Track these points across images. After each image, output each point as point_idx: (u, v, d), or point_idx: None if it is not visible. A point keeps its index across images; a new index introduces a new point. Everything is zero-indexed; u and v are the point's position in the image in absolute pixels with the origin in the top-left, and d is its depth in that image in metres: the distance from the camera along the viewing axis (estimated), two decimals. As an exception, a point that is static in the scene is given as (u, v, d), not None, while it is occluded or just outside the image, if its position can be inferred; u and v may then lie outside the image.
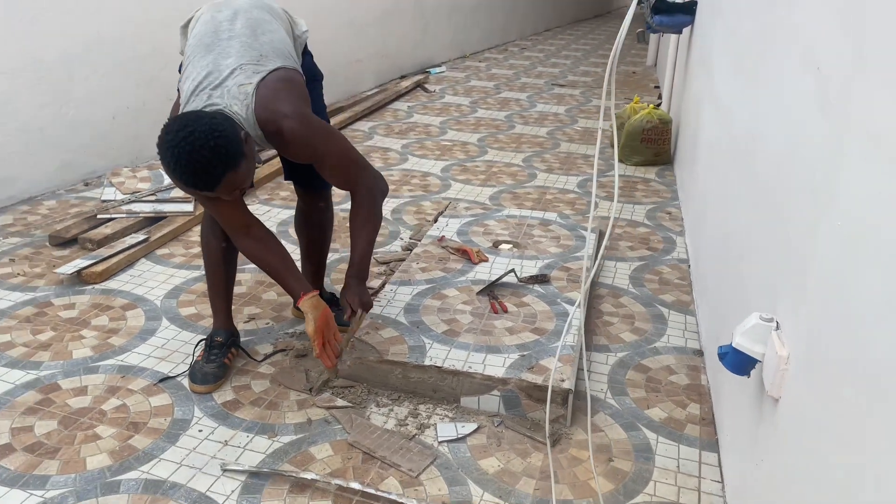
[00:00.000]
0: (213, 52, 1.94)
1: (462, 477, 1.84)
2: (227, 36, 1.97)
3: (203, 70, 1.91)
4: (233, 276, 2.26)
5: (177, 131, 1.71)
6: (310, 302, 1.99)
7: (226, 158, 1.74)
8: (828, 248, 1.24)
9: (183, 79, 1.97)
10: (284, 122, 1.87)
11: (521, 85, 6.91)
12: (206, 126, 1.71)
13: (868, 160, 1.11)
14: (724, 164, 2.52)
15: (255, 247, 2.01)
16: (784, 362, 1.39)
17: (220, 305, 2.25)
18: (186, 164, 1.71)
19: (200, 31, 2.00)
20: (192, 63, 1.96)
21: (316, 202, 2.37)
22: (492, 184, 4.03)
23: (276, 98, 1.88)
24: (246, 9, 2.05)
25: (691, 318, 2.65)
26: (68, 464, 1.80)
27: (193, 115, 1.76)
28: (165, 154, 1.73)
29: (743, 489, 1.67)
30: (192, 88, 1.89)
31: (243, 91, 1.87)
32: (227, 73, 1.90)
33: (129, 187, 3.30)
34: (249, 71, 1.90)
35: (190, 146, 1.69)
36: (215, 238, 2.18)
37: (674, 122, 4.53)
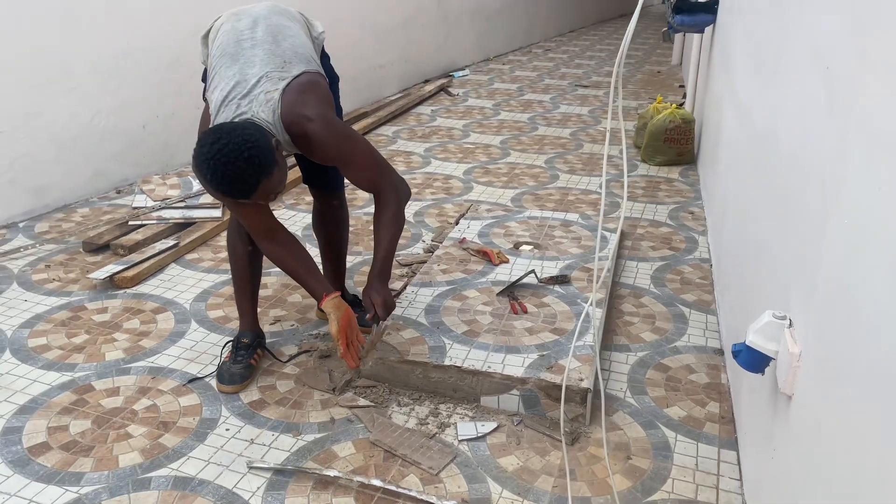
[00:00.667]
0: (239, 62, 2.00)
1: (481, 475, 1.87)
2: (250, 45, 2.03)
3: (231, 80, 1.97)
4: (258, 279, 2.33)
5: (211, 144, 1.78)
6: (332, 303, 2.04)
7: (259, 168, 1.80)
8: (835, 245, 1.26)
9: (210, 89, 2.03)
10: (308, 125, 1.94)
11: (544, 87, 6.93)
12: (240, 137, 1.78)
13: (871, 158, 1.12)
14: (743, 163, 2.52)
15: (279, 250, 2.07)
16: (796, 360, 1.40)
17: (247, 307, 2.31)
18: (223, 175, 1.78)
19: (223, 42, 2.07)
20: (217, 73, 2.02)
21: (330, 201, 2.44)
22: (514, 185, 4.05)
23: (300, 102, 1.95)
24: (265, 15, 2.12)
25: (712, 317, 2.65)
26: (101, 461, 1.88)
27: (226, 128, 1.82)
28: (201, 166, 1.79)
29: (760, 486, 1.68)
30: (222, 99, 1.95)
31: (269, 98, 1.93)
32: (254, 81, 1.96)
33: (159, 194, 3.39)
34: (275, 78, 1.97)
35: (225, 158, 1.76)
36: (241, 242, 2.24)
37: (697, 122, 4.52)
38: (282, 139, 1.96)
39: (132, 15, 3.75)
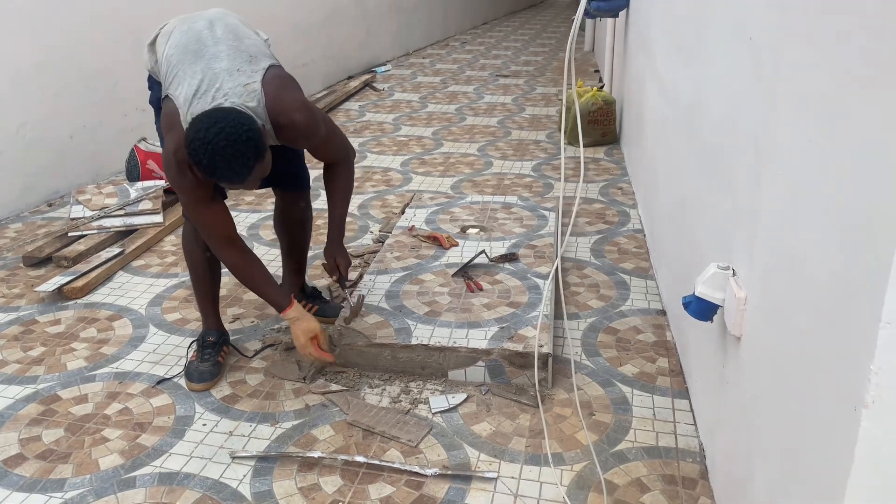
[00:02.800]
0: (204, 59, 2.01)
1: (458, 442, 1.97)
2: (213, 42, 2.05)
3: (197, 75, 1.98)
4: (218, 280, 2.35)
5: (207, 128, 1.79)
6: (294, 312, 2.12)
7: (256, 150, 1.83)
8: (772, 196, 1.41)
9: (173, 86, 2.01)
10: (296, 115, 2.00)
11: (466, 78, 7.06)
12: (235, 121, 1.80)
13: (798, 113, 1.27)
14: (671, 135, 2.70)
15: (239, 259, 2.10)
16: (742, 303, 1.56)
17: (209, 308, 2.33)
18: (221, 157, 1.79)
19: (182, 41, 2.07)
20: (180, 70, 2.01)
21: (297, 202, 2.47)
22: (451, 174, 4.16)
23: (282, 93, 2.00)
24: (219, 17, 2.14)
25: (651, 282, 2.83)
26: (82, 466, 1.88)
27: (220, 112, 1.83)
28: (198, 150, 1.80)
29: (714, 425, 1.84)
30: (192, 93, 1.95)
31: (250, 89, 1.96)
32: (225, 75, 1.98)
33: (96, 203, 3.33)
34: (248, 71, 2.00)
35: (224, 141, 1.78)
36: (199, 248, 2.24)
37: (617, 103, 4.74)
38: (266, 128, 1.99)
39: (50, 25, 3.64)
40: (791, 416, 1.27)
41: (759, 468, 1.43)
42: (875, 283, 0.94)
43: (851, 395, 0.99)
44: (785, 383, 1.31)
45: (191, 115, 1.91)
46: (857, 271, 1.01)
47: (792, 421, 1.26)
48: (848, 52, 1.07)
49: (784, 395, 1.32)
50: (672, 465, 1.89)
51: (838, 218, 1.09)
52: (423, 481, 1.83)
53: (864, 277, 0.98)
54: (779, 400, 1.34)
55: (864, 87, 1.01)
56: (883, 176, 0.93)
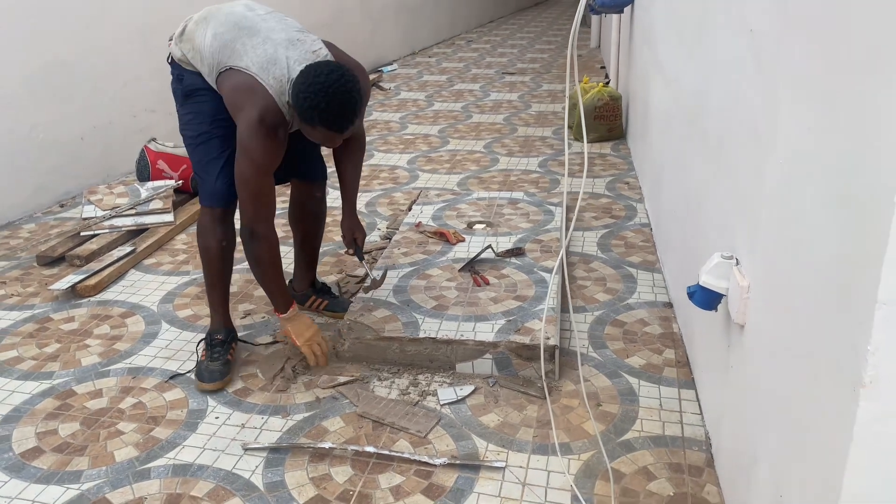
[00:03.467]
0: (261, 33, 2.07)
1: (466, 433, 2.00)
2: (261, 20, 2.12)
3: (261, 46, 2.03)
4: (230, 275, 2.36)
5: (328, 74, 1.90)
6: (291, 315, 2.21)
7: (363, 100, 2.01)
8: (774, 184, 1.43)
9: (235, 58, 2.03)
10: (362, 76, 2.12)
11: (472, 76, 7.09)
12: (347, 73, 1.93)
13: (797, 102, 1.29)
14: (676, 128, 2.72)
15: (261, 252, 2.11)
16: (746, 291, 1.58)
17: (219, 304, 2.33)
18: (340, 101, 1.91)
19: (230, 21, 2.10)
20: (239, 43, 2.05)
21: (313, 192, 2.50)
22: (458, 171, 4.19)
23: (346, 59, 2.15)
24: (253, 3, 2.22)
25: (658, 275, 2.85)
26: (97, 458, 1.91)
27: (333, 65, 1.94)
28: (318, 95, 1.89)
29: (720, 413, 1.86)
30: (267, 59, 2.01)
31: (320, 55, 2.06)
32: (287, 44, 2.05)
33: (107, 203, 3.37)
34: (307, 41, 2.09)
35: (343, 87, 1.90)
36: (214, 238, 2.25)
37: (623, 98, 4.75)
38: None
39: (57, 26, 3.69)
40: (793, 400, 1.29)
41: (762, 453, 1.45)
42: (871, 264, 0.96)
43: (850, 376, 1.02)
44: (787, 369, 1.33)
45: (274, 79, 2.00)
46: (854, 254, 1.03)
47: (793, 405, 1.28)
48: (844, 41, 1.09)
49: (786, 381, 1.34)
50: (678, 453, 1.91)
51: (835, 203, 1.11)
52: (432, 471, 1.85)
53: (860, 260, 1.00)
54: (781, 385, 1.36)
55: (859, 74, 1.03)
56: (877, 161, 0.95)
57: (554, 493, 1.78)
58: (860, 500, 1.03)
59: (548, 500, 1.76)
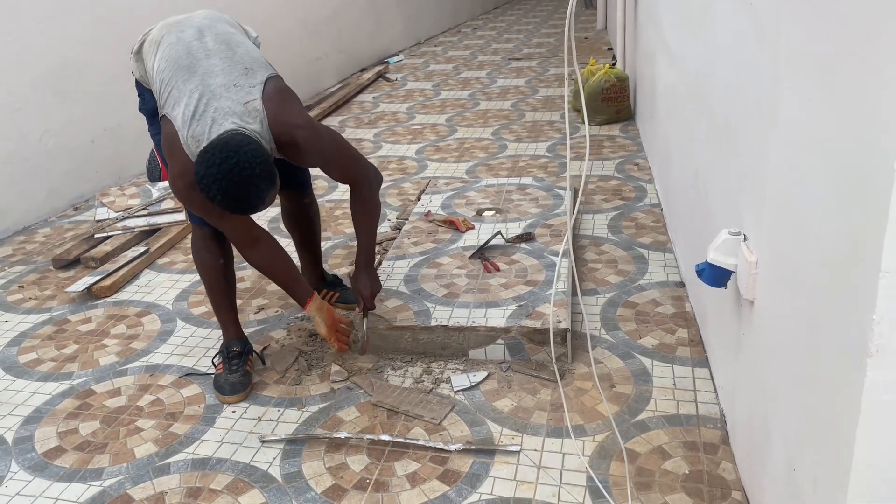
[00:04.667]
0: (198, 74, 1.96)
1: (481, 419, 2.01)
2: (205, 55, 2.01)
3: (194, 93, 1.93)
4: (234, 288, 2.29)
5: (220, 164, 1.76)
6: (315, 306, 2.16)
7: (270, 181, 1.83)
8: (778, 159, 1.42)
9: (169, 104, 1.97)
10: (298, 132, 1.98)
11: (479, 63, 7.06)
12: (247, 154, 1.78)
13: (799, 77, 1.28)
14: (683, 107, 2.70)
15: (264, 260, 2.12)
16: (754, 267, 1.57)
17: (229, 318, 2.27)
18: (236, 192, 1.78)
19: (172, 55, 2.01)
20: (175, 87, 1.97)
21: (301, 199, 2.48)
22: (466, 159, 4.18)
23: (284, 110, 1.98)
24: (208, 25, 2.10)
25: (669, 255, 2.84)
26: (118, 455, 1.95)
27: (231, 144, 1.79)
28: (211, 187, 1.78)
29: (733, 390, 1.85)
30: (191, 114, 1.92)
31: (252, 108, 1.93)
32: (222, 91, 1.93)
33: (120, 205, 3.41)
34: (245, 86, 1.96)
35: (238, 176, 1.76)
36: (211, 255, 2.21)
37: (630, 79, 4.72)
38: (268, 147, 1.96)
39: (65, 30, 3.72)
40: (802, 374, 1.29)
41: (775, 429, 1.45)
42: (873, 233, 0.95)
43: (857, 347, 1.01)
44: (796, 343, 1.33)
45: (191, 138, 1.90)
46: (857, 224, 1.02)
47: (803, 379, 1.28)
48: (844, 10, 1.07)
49: (795, 355, 1.33)
50: (693, 431, 1.91)
51: (837, 173, 1.10)
52: (447, 457, 1.87)
53: (862, 229, 0.99)
54: (791, 360, 1.36)
55: (858, 43, 1.02)
56: (876, 128, 0.95)
57: (569, 475, 1.79)
58: (871, 470, 1.03)
59: (563, 482, 1.77)
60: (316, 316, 2.16)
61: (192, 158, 1.91)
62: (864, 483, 1.04)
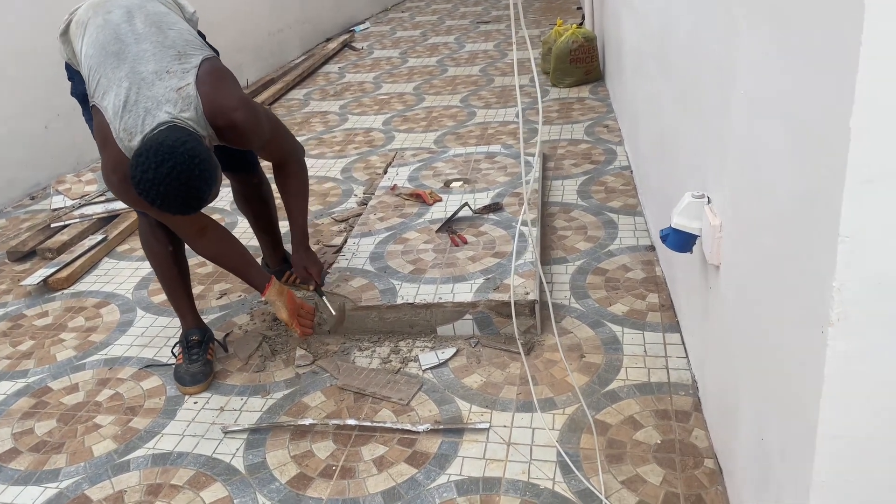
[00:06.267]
0: (128, 61, 1.84)
1: (449, 396, 1.96)
2: (134, 39, 1.88)
3: (124, 81, 1.82)
4: (188, 275, 2.21)
5: (156, 168, 1.65)
6: (274, 290, 2.08)
7: (211, 179, 1.73)
8: (738, 118, 1.36)
9: (98, 94, 1.85)
10: (235, 114, 1.87)
11: (446, 28, 6.91)
12: (183, 155, 1.67)
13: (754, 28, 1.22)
14: (648, 67, 2.63)
15: (214, 248, 2.05)
16: (718, 231, 1.52)
17: (185, 306, 2.19)
18: (175, 197, 1.68)
19: (100, 39, 1.89)
20: (104, 76, 1.84)
21: (250, 181, 2.39)
22: (434, 128, 4.09)
23: (218, 93, 1.86)
24: (138, 4, 1.97)
25: (639, 218, 2.79)
26: (75, 454, 1.88)
27: (165, 145, 1.68)
28: (148, 191, 1.67)
29: (703, 356, 1.82)
30: (121, 104, 1.80)
31: (185, 94, 1.81)
32: (154, 79, 1.82)
33: (76, 192, 3.30)
34: (178, 72, 1.84)
35: (176, 180, 1.65)
36: (159, 243, 2.12)
37: (598, 39, 4.62)
38: (206, 133, 1.86)
39: (11, 17, 3.56)
40: (768, 341, 1.24)
41: (744, 395, 1.41)
42: (831, 196, 0.90)
43: (818, 315, 0.96)
44: (760, 310, 1.28)
45: (124, 131, 1.79)
46: (815, 187, 0.96)
47: (769, 347, 1.24)
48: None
49: (760, 322, 1.28)
50: (665, 399, 1.87)
51: (795, 134, 1.04)
52: (415, 438, 1.82)
53: (821, 192, 0.94)
54: (756, 327, 1.31)
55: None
56: (832, 88, 0.88)
57: (539, 451, 1.75)
58: (836, 440, 0.99)
59: (533, 458, 1.73)
60: (276, 301, 2.10)
61: (125, 152, 1.80)
62: (830, 454, 1.00)
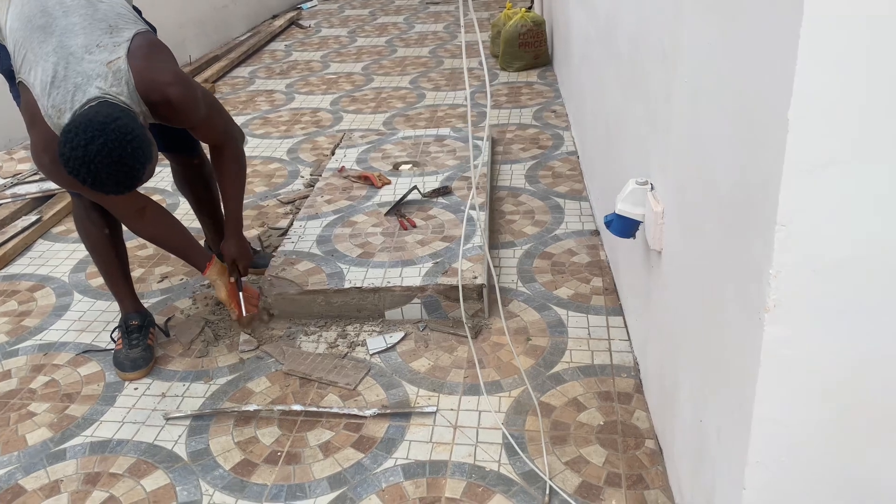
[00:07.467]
0: (55, 35, 1.74)
1: (397, 381, 1.96)
2: (62, 12, 1.77)
3: (50, 57, 1.72)
4: (125, 258, 2.14)
5: (86, 145, 1.57)
6: (215, 270, 2.04)
7: (145, 157, 1.65)
8: (680, 105, 1.38)
9: (24, 69, 1.75)
10: (170, 89, 1.79)
11: (395, 8, 6.84)
12: (115, 132, 1.60)
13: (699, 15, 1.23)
14: (594, 52, 2.65)
15: (152, 229, 2.00)
16: (660, 217, 1.55)
17: (123, 290, 2.13)
18: (108, 176, 1.61)
19: (25, 12, 1.78)
20: (29, 51, 1.74)
21: (190, 162, 2.31)
22: (383, 110, 4.05)
23: (152, 68, 1.78)
24: None
25: (585, 203, 2.82)
26: (8, 444, 1.82)
27: (95, 122, 1.60)
28: (79, 169, 1.60)
29: (645, 339, 1.86)
30: (49, 80, 1.71)
31: (115, 68, 1.73)
32: (83, 53, 1.72)
33: (7, 171, 3.16)
34: (109, 45, 1.75)
35: (108, 158, 1.58)
36: (94, 226, 2.05)
37: (547, 23, 4.64)
38: (139, 110, 1.77)
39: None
40: (706, 325, 1.28)
41: (683, 378, 1.45)
42: (769, 185, 0.92)
43: (755, 301, 0.99)
44: (700, 294, 1.31)
45: (52, 108, 1.70)
46: (754, 175, 0.99)
47: (707, 330, 1.27)
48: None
49: (699, 306, 1.32)
50: (607, 381, 1.91)
51: (734, 122, 1.06)
52: (362, 423, 1.82)
53: (759, 180, 0.96)
54: (694, 311, 1.35)
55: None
56: (772, 78, 0.90)
57: (485, 434, 1.76)
58: (771, 424, 1.02)
59: (479, 440, 1.74)
60: (217, 280, 2.06)
61: (54, 130, 1.72)
62: (764, 436, 1.03)
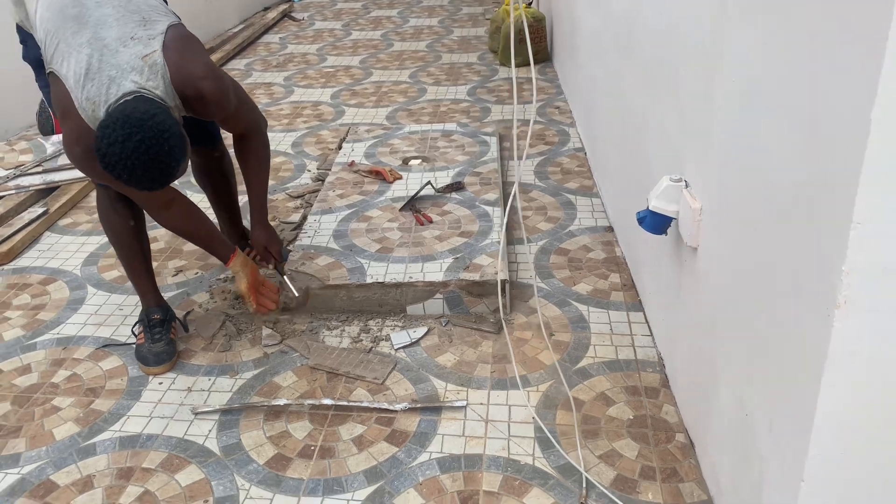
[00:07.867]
0: (89, 26, 1.73)
1: (424, 375, 1.97)
2: (95, 2, 1.77)
3: (84, 49, 1.71)
4: (148, 251, 2.13)
5: (123, 142, 1.58)
6: (239, 261, 2.04)
7: (181, 154, 1.66)
8: (726, 104, 1.40)
9: (57, 60, 1.73)
10: (203, 83, 1.79)
11: (389, 2, 6.81)
12: (152, 129, 1.60)
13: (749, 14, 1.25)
14: (608, 51, 2.67)
15: (179, 221, 2.00)
16: (698, 214, 1.57)
17: (146, 284, 2.12)
18: (144, 173, 1.62)
19: (57, 2, 1.77)
20: (62, 42, 1.73)
21: (211, 154, 2.31)
22: (385, 104, 4.04)
23: (185, 61, 1.78)
24: None
25: (596, 199, 2.85)
26: (35, 438, 1.80)
27: (134, 118, 1.60)
28: (115, 165, 1.60)
29: (672, 334, 1.88)
30: (83, 72, 1.70)
31: (151, 62, 1.73)
32: (117, 46, 1.72)
33: (10, 162, 3.11)
34: (144, 38, 1.75)
35: (146, 155, 1.59)
36: (120, 217, 2.04)
37: (547, 19, 4.65)
38: (173, 104, 1.77)
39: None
40: (754, 320, 1.30)
41: (723, 372, 1.47)
42: (844, 184, 0.94)
43: (823, 297, 1.01)
44: (747, 290, 1.33)
45: (87, 100, 1.69)
46: (822, 174, 1.01)
47: (756, 326, 1.29)
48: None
49: (745, 301, 1.34)
50: (633, 376, 1.93)
51: (798, 121, 1.08)
52: (393, 417, 1.82)
53: (830, 180, 0.98)
54: (740, 306, 1.37)
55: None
56: (847, 79, 0.92)
57: (517, 427, 1.78)
58: (834, 417, 1.05)
59: (511, 434, 1.76)
60: (240, 271, 2.05)
61: (88, 122, 1.71)
62: (826, 430, 1.06)
